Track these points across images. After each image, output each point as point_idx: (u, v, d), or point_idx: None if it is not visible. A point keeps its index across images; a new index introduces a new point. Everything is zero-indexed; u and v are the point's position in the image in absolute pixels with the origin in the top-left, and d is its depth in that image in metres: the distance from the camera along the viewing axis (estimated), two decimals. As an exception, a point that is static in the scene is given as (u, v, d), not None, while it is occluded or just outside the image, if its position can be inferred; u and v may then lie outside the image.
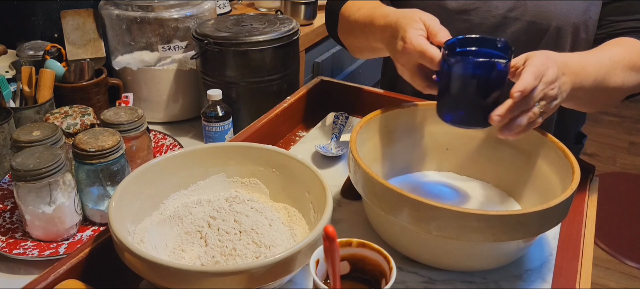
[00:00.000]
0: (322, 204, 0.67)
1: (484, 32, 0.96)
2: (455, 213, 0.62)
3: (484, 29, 0.96)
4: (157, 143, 1.03)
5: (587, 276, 0.73)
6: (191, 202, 0.76)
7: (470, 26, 0.97)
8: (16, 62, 1.11)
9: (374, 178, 0.67)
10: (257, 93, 1.09)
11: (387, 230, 0.74)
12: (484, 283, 0.70)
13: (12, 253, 0.75)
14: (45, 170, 0.72)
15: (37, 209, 0.75)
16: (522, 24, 0.94)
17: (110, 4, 1.13)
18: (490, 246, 0.68)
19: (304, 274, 0.70)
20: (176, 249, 0.69)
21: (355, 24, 0.93)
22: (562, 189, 0.72)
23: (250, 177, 0.79)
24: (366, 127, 0.81)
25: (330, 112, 1.12)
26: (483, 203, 0.83)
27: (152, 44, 1.12)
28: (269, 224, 0.72)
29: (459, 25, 0.97)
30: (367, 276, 0.61)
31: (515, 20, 0.94)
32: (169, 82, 1.15)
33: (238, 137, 0.93)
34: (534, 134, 0.80)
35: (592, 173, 0.93)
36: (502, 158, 0.85)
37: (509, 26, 0.95)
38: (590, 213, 0.84)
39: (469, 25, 0.97)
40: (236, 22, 1.12)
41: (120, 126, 0.84)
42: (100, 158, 0.77)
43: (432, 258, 0.71)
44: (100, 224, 0.82)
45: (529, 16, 0.93)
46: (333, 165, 0.95)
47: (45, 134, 0.79)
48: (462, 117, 0.73)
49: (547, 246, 0.77)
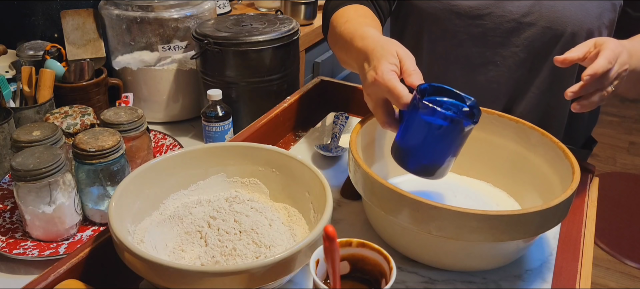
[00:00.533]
0: (322, 204, 0.67)
1: (498, 37, 0.96)
2: (455, 213, 0.62)
3: (498, 34, 0.95)
4: (157, 143, 1.03)
5: (587, 276, 0.73)
6: (191, 202, 0.76)
7: (483, 31, 0.96)
8: (16, 62, 1.11)
9: (374, 178, 0.67)
10: (257, 93, 1.09)
11: (387, 230, 0.74)
12: (484, 283, 0.70)
13: (12, 253, 0.75)
14: (45, 170, 0.72)
15: (37, 209, 0.75)
16: (537, 29, 0.93)
17: (110, 4, 1.13)
18: (490, 246, 0.68)
19: (304, 274, 0.70)
20: (176, 249, 0.69)
21: (340, 36, 0.90)
22: (562, 189, 0.72)
23: (250, 177, 0.79)
24: (366, 127, 0.81)
25: (330, 112, 1.12)
26: (483, 203, 0.83)
27: (152, 44, 1.12)
28: (269, 224, 0.72)
29: (472, 30, 0.96)
30: (367, 276, 0.61)
31: (530, 25, 0.94)
32: (169, 82, 1.15)
33: (238, 137, 0.93)
34: (534, 134, 0.80)
35: (592, 173, 0.93)
36: (502, 158, 0.85)
37: (523, 31, 0.94)
38: (590, 213, 0.84)
39: (482, 30, 0.96)
40: (236, 22, 1.12)
41: (120, 126, 0.84)
42: (100, 158, 0.77)
43: (432, 258, 0.71)
44: (100, 224, 0.82)
45: (544, 21, 0.93)
46: (333, 165, 0.95)
47: (45, 134, 0.79)
48: (418, 164, 0.72)
49: (547, 246, 0.77)
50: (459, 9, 0.96)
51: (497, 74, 0.98)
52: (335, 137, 1.00)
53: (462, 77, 1.00)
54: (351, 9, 0.95)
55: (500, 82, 0.99)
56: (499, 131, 0.84)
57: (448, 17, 0.96)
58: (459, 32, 0.98)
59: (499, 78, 0.99)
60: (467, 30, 0.97)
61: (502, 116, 0.83)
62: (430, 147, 0.70)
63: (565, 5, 0.92)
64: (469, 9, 0.96)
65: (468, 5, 0.96)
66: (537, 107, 0.99)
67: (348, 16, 0.92)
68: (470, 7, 0.96)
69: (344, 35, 0.88)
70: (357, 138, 0.77)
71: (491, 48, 0.97)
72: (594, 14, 0.91)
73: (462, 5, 0.96)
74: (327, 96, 1.14)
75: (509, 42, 0.96)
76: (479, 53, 0.98)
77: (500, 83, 0.99)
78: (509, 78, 0.98)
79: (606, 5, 0.92)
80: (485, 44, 0.97)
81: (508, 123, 0.83)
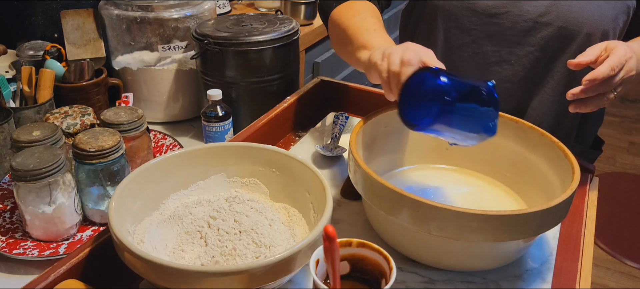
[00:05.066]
0: (322, 204, 0.67)
1: (514, 36, 0.96)
2: (455, 213, 0.62)
3: (514, 32, 0.96)
4: (157, 143, 1.03)
5: (587, 276, 0.73)
6: (191, 202, 0.76)
7: (500, 30, 0.96)
8: (16, 62, 1.11)
9: (374, 178, 0.67)
10: (257, 93, 1.09)
11: (387, 230, 0.74)
12: (484, 283, 0.70)
13: (12, 253, 0.75)
14: (45, 170, 0.72)
15: (37, 209, 0.75)
16: (553, 29, 0.93)
17: (110, 4, 1.13)
18: (490, 246, 0.68)
19: (304, 274, 0.70)
20: (176, 250, 0.69)
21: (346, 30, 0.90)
22: (562, 189, 0.72)
23: (250, 177, 0.79)
24: (366, 127, 0.81)
25: (330, 112, 1.12)
26: (483, 202, 0.83)
27: (152, 44, 1.12)
28: (269, 224, 0.72)
29: (489, 28, 0.97)
30: (367, 276, 0.61)
31: (546, 25, 0.94)
32: (169, 82, 1.15)
33: (238, 137, 0.93)
34: (534, 134, 0.80)
35: (592, 173, 0.93)
36: (502, 158, 0.85)
37: (539, 31, 0.94)
38: (590, 213, 0.84)
39: (499, 28, 0.96)
40: (236, 22, 1.12)
41: (120, 126, 0.84)
42: (100, 158, 0.77)
43: (432, 258, 0.71)
44: (100, 224, 0.82)
45: (560, 21, 0.93)
46: (333, 165, 0.95)
47: (45, 134, 0.79)
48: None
49: (547, 246, 0.77)
50: (476, 7, 0.97)
51: (511, 73, 0.99)
52: (335, 137, 1.00)
53: (475, 75, 1.01)
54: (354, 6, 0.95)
55: (513, 81, 0.99)
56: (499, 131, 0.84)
57: (465, 14, 0.96)
58: (474, 30, 0.98)
59: (513, 77, 0.99)
60: (483, 28, 0.97)
61: (502, 116, 0.83)
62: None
63: (583, 6, 0.92)
64: (486, 7, 0.96)
65: (486, 4, 0.96)
66: (550, 107, 0.98)
67: (356, 9, 0.93)
68: (487, 6, 0.96)
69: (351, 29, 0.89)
70: (357, 138, 0.77)
71: (506, 47, 0.97)
72: (610, 16, 0.91)
73: (480, 3, 0.96)
74: (327, 96, 1.14)
75: (524, 41, 0.96)
76: (494, 52, 0.98)
77: (513, 82, 0.99)
78: (522, 78, 0.98)
79: (621, 7, 0.92)
80: (500, 43, 0.97)
81: (508, 123, 0.83)
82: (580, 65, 0.74)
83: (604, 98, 0.75)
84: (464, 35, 0.99)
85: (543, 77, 0.98)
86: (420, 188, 0.86)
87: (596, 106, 0.76)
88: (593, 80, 0.71)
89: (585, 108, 0.76)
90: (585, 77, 0.72)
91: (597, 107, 0.76)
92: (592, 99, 0.75)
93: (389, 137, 0.86)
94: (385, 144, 0.86)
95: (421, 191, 0.85)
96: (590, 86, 0.72)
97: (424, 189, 0.86)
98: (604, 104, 0.76)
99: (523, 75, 0.98)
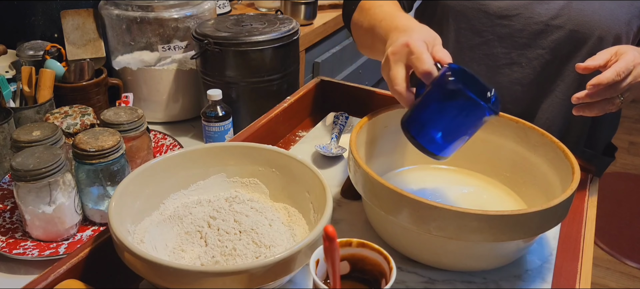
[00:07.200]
0: (322, 204, 0.67)
1: (525, 38, 0.95)
2: (455, 213, 0.62)
3: (525, 35, 0.95)
4: (157, 143, 1.03)
5: (587, 276, 0.73)
6: (191, 202, 0.76)
7: (511, 32, 0.96)
8: (16, 62, 1.11)
9: (374, 178, 0.67)
10: (257, 93, 1.09)
11: (387, 230, 0.74)
12: (484, 283, 0.70)
13: (12, 253, 0.75)
14: (45, 170, 0.72)
15: (37, 209, 0.75)
16: (565, 32, 0.93)
17: (110, 4, 1.13)
18: (490, 246, 0.68)
19: (304, 274, 0.70)
20: (176, 249, 0.69)
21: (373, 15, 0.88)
22: (562, 189, 0.72)
23: (250, 177, 0.79)
24: (366, 127, 0.81)
25: (330, 112, 1.12)
26: (483, 202, 0.83)
27: (152, 44, 1.12)
28: (269, 224, 0.72)
29: (500, 30, 0.96)
30: (367, 276, 0.61)
31: (557, 28, 0.93)
32: (169, 82, 1.15)
33: (238, 136, 0.93)
34: (534, 134, 0.80)
35: (592, 173, 0.93)
36: (502, 158, 0.85)
37: (551, 33, 0.94)
38: (590, 213, 0.84)
39: (509, 30, 0.96)
40: (236, 22, 1.12)
41: (120, 126, 0.84)
42: (100, 158, 0.77)
43: (432, 258, 0.71)
44: (100, 224, 0.82)
45: (571, 24, 0.92)
46: (333, 165, 0.95)
47: (45, 134, 0.79)
48: (429, 137, 0.71)
49: (547, 246, 0.77)
50: (488, 8, 0.96)
51: (522, 76, 0.98)
52: (335, 137, 1.00)
53: (485, 76, 1.00)
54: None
55: (523, 83, 0.98)
56: (499, 131, 0.84)
57: (476, 16, 0.96)
58: (485, 31, 0.98)
59: (523, 80, 0.98)
60: (494, 29, 0.97)
61: (502, 116, 0.83)
62: (447, 122, 0.69)
63: (595, 10, 0.91)
64: (498, 9, 0.96)
65: (497, 6, 0.96)
66: (560, 110, 0.98)
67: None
68: (499, 7, 0.96)
69: (377, 15, 0.87)
70: (357, 138, 0.77)
71: (517, 49, 0.97)
72: (624, 20, 0.90)
73: (492, 5, 0.96)
74: (327, 96, 1.14)
75: (535, 44, 0.95)
76: (505, 54, 0.98)
77: (523, 84, 0.99)
78: (533, 81, 0.98)
79: (635, 11, 0.91)
80: (511, 45, 0.97)
81: (508, 123, 0.83)
82: (588, 69, 0.73)
83: (610, 103, 0.75)
84: (475, 37, 0.99)
85: (553, 80, 0.97)
86: (420, 188, 0.86)
87: (601, 111, 0.75)
88: (598, 85, 0.71)
89: (590, 112, 0.75)
90: (590, 82, 0.71)
91: (603, 111, 0.75)
92: (597, 104, 0.74)
93: (389, 137, 0.86)
94: (385, 144, 0.86)
95: (421, 191, 0.85)
96: (594, 91, 0.72)
97: (424, 189, 0.85)
98: (610, 109, 0.75)
99: (533, 77, 0.98)
